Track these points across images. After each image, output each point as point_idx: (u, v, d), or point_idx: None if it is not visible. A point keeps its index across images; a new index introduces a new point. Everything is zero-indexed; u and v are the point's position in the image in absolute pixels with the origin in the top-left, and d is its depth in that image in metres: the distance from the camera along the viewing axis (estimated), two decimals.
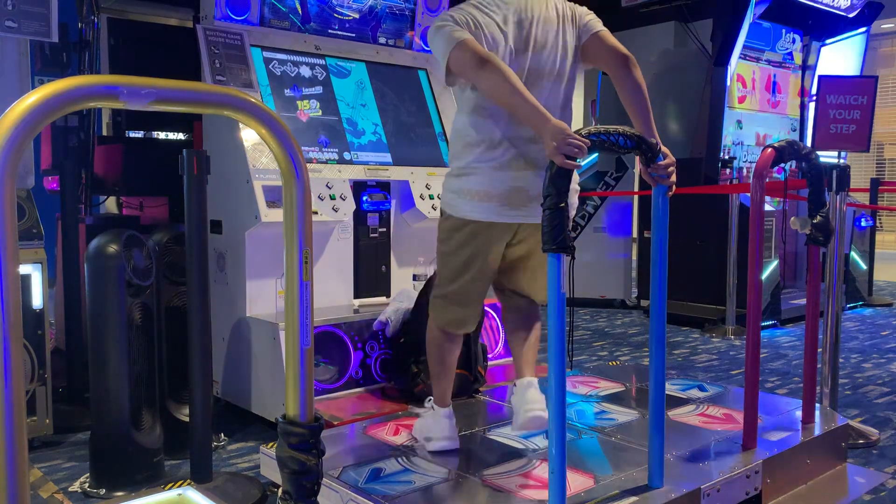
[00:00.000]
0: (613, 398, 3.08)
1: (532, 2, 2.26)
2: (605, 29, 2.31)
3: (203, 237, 2.41)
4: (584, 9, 2.33)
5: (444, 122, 3.92)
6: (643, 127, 2.16)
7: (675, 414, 2.84)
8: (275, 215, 3.08)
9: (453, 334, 2.48)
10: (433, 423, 2.51)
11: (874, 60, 9.36)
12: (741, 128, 6.20)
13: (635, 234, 6.61)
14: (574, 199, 2.32)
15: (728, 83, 5.61)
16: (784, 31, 6.44)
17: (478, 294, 2.44)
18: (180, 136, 4.32)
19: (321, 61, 3.63)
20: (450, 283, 2.40)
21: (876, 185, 6.54)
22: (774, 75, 6.42)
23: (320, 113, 3.50)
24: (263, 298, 3.27)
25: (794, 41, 6.55)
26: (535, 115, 2.00)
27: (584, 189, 6.39)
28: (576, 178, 2.28)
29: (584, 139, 1.86)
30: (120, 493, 2.45)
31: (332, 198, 3.28)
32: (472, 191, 2.25)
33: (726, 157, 5.78)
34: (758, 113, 6.34)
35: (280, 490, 1.56)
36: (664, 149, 2.09)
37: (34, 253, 2.86)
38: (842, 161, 6.37)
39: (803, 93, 6.72)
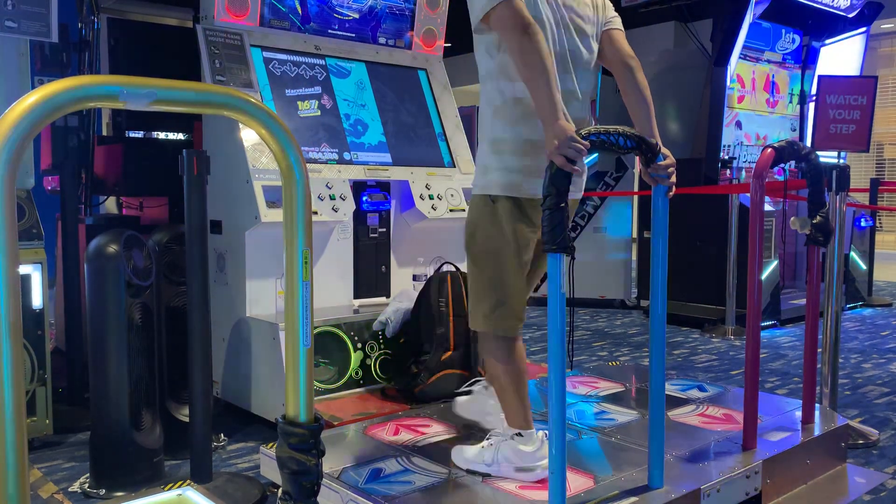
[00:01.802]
0: (613, 398, 3.08)
1: None
2: (622, 29, 2.29)
3: (203, 237, 2.41)
4: (610, 3, 2.32)
5: (443, 122, 3.92)
6: (646, 129, 2.15)
7: (675, 414, 2.84)
8: (275, 215, 3.08)
9: (515, 337, 2.26)
10: (531, 450, 2.21)
11: (874, 60, 9.36)
12: (741, 128, 6.20)
13: (635, 235, 6.60)
14: (577, 193, 2.30)
15: (728, 83, 5.60)
16: (784, 31, 6.43)
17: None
18: (180, 136, 4.32)
19: (321, 61, 3.63)
20: (508, 281, 2.19)
21: (876, 185, 6.53)
22: (753, 72, 6.38)
23: (320, 113, 3.50)
24: (263, 298, 3.27)
25: (793, 41, 6.55)
26: (551, 106, 1.94)
27: (584, 189, 6.39)
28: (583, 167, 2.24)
29: (584, 143, 1.86)
30: (120, 494, 2.44)
31: (332, 198, 3.28)
32: (543, 168, 1.94)
33: (726, 157, 5.78)
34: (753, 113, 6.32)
35: (280, 490, 1.56)
36: (664, 149, 2.09)
37: (34, 253, 2.86)
38: (842, 161, 6.37)
39: (773, 91, 6.66)
